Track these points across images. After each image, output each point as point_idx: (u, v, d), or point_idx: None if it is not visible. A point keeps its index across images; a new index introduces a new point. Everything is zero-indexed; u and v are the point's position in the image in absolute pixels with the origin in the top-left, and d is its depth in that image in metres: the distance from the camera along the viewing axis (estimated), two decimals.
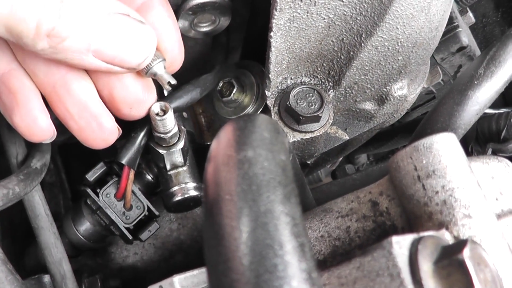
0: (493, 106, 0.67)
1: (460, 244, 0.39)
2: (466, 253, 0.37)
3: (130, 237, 0.68)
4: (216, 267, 0.32)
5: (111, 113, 0.56)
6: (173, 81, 0.54)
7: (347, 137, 0.73)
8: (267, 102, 0.67)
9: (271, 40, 0.59)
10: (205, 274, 0.58)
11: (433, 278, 0.38)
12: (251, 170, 0.35)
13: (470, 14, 0.90)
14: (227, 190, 0.35)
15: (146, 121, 0.60)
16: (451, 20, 0.86)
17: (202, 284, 0.57)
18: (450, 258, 0.38)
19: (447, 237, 0.43)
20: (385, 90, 0.68)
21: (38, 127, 0.54)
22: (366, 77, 0.66)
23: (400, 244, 0.39)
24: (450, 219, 0.44)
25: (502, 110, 0.81)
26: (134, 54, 0.51)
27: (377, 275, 0.39)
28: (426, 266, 0.38)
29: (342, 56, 0.64)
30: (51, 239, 0.62)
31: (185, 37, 0.65)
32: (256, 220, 0.32)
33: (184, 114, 0.72)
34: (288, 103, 0.65)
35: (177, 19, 0.62)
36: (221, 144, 0.39)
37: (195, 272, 0.58)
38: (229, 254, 0.31)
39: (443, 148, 0.46)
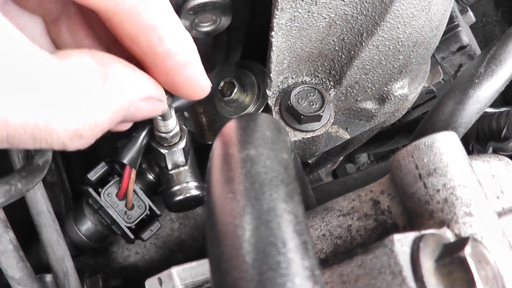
0: (494, 105, 0.67)
1: (461, 242, 0.39)
2: (467, 251, 0.38)
3: (131, 236, 0.68)
4: (219, 265, 0.32)
5: None
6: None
7: (348, 136, 0.73)
8: (268, 101, 0.67)
9: (272, 40, 0.60)
10: (203, 266, 0.58)
11: (434, 276, 0.38)
12: (254, 168, 0.35)
13: (470, 13, 0.91)
14: (230, 188, 0.35)
15: (148, 121, 0.60)
16: (451, 19, 0.86)
17: (200, 276, 0.57)
18: (452, 256, 0.38)
19: (449, 235, 0.43)
20: (386, 89, 0.68)
21: None
22: (367, 76, 0.66)
23: (402, 242, 0.39)
24: (451, 217, 0.44)
25: (502, 109, 0.81)
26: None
27: (379, 273, 0.39)
28: (427, 264, 0.38)
29: (343, 56, 0.64)
30: (53, 236, 0.62)
31: None
32: (259, 218, 0.32)
33: (185, 113, 0.72)
34: (289, 102, 0.65)
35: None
36: (223, 143, 0.39)
37: (194, 264, 0.58)
38: (232, 252, 0.31)
39: (444, 147, 0.47)
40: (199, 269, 0.58)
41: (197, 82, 0.49)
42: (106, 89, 0.42)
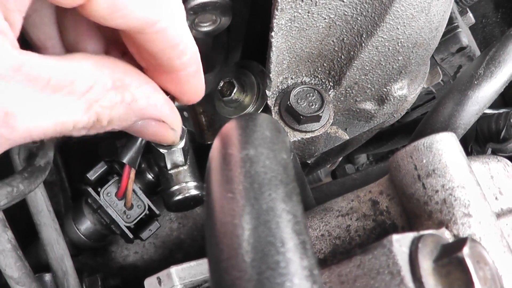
0: (493, 106, 0.67)
1: (459, 242, 0.39)
2: (465, 251, 0.38)
3: (130, 236, 0.68)
4: (218, 264, 0.32)
5: None
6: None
7: (347, 137, 0.74)
8: (268, 101, 0.67)
9: (272, 40, 0.60)
10: (202, 265, 0.58)
11: (433, 276, 0.38)
12: (253, 168, 0.35)
13: (470, 14, 0.91)
14: (229, 188, 0.35)
15: None
16: (451, 20, 0.86)
17: (199, 275, 0.57)
18: (450, 256, 0.38)
19: (447, 236, 0.43)
20: (385, 90, 0.69)
21: None
22: (367, 77, 0.66)
23: (401, 242, 0.39)
24: (450, 217, 0.44)
25: (501, 110, 0.82)
26: None
27: (377, 273, 0.39)
28: (426, 264, 0.38)
29: (342, 56, 0.64)
30: (53, 235, 0.62)
31: None
32: (258, 218, 0.32)
33: (185, 113, 0.72)
34: (288, 102, 0.65)
35: None
36: (222, 142, 0.39)
37: (193, 263, 0.58)
38: (232, 251, 0.31)
39: (443, 148, 0.47)
40: (198, 268, 0.58)
41: (199, 88, 0.51)
42: (115, 93, 0.43)
